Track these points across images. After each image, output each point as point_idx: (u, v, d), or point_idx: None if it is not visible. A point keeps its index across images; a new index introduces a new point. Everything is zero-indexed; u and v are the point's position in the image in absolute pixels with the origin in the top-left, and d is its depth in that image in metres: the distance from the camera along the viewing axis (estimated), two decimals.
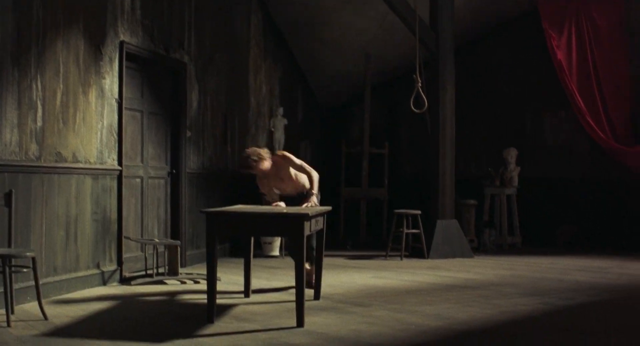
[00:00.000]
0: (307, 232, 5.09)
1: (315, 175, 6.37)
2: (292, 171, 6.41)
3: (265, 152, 6.18)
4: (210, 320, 5.01)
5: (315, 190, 6.32)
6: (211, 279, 5.04)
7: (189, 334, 4.66)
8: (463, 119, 10.32)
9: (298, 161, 6.40)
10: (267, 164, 6.16)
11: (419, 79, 8.74)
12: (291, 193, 6.48)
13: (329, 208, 6.13)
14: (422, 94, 8.77)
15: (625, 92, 10.37)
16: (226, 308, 5.58)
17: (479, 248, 10.09)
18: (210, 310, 5.03)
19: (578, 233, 10.63)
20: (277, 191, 6.47)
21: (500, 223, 10.52)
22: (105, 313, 5.41)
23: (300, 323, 4.91)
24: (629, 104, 10.40)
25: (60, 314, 5.27)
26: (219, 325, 4.95)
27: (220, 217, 5.12)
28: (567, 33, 10.42)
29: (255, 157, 6.07)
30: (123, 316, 5.34)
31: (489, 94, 11.76)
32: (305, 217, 5.00)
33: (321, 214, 5.83)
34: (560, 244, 10.55)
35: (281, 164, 6.35)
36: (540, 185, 11.14)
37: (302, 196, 6.41)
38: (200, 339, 4.53)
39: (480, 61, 11.79)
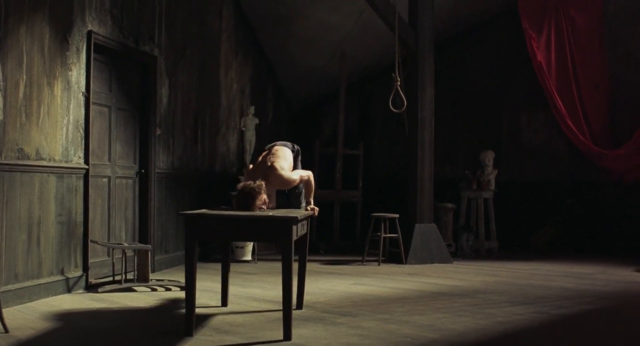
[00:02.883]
0: (294, 237, 4.72)
1: (311, 181, 5.75)
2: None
3: (259, 182, 5.23)
4: (188, 333, 4.59)
5: (311, 199, 5.79)
6: (190, 288, 4.63)
7: None
8: (439, 119, 10.00)
9: (287, 176, 5.59)
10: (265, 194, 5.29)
11: (398, 77, 8.41)
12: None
13: (311, 212, 5.74)
14: (401, 93, 8.46)
15: (604, 93, 10.21)
16: (204, 318, 5.17)
17: (456, 252, 9.80)
18: (189, 322, 4.61)
19: (555, 236, 10.42)
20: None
21: (477, 228, 10.25)
22: (73, 325, 4.95)
23: (287, 336, 4.53)
24: (608, 106, 10.25)
25: (23, 326, 4.80)
26: (199, 338, 4.54)
27: (201, 220, 4.70)
28: (547, 33, 10.23)
29: (257, 189, 5.11)
30: (93, 328, 4.88)
31: (465, 94, 11.50)
32: (293, 221, 4.63)
33: (306, 218, 5.47)
34: (538, 247, 10.32)
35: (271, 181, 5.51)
36: (517, 188, 10.92)
37: (292, 190, 5.94)
38: None
39: (457, 61, 11.51)
